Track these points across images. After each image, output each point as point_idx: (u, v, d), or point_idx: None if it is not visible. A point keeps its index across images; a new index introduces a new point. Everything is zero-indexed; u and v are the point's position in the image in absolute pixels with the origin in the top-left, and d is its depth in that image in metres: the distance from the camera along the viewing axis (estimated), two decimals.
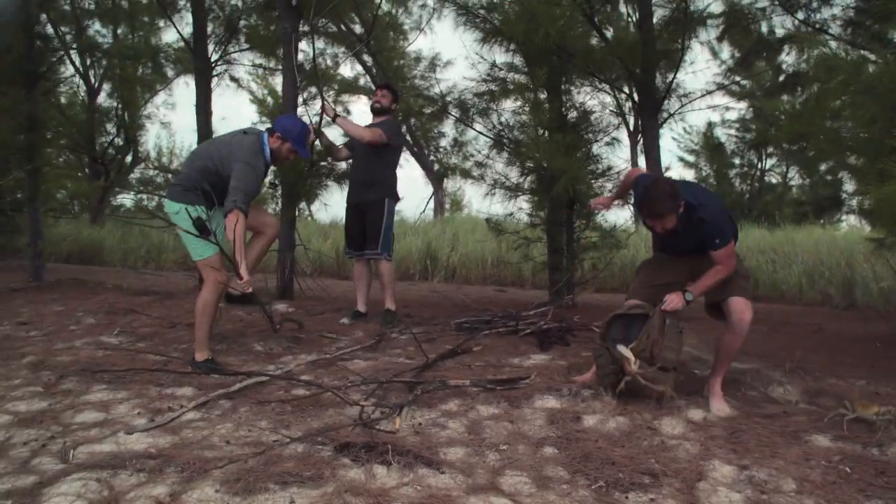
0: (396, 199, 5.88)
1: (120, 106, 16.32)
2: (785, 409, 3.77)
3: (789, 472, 2.91)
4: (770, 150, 20.69)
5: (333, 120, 5.72)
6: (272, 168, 4.85)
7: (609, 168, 7.30)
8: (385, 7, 17.17)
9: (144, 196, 20.22)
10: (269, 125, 4.67)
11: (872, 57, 4.30)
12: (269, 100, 22.63)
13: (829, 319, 7.79)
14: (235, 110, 46.99)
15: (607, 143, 7.39)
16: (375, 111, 5.97)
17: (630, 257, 10.97)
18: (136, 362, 4.41)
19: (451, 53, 33.12)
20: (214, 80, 8.45)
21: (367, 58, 18.53)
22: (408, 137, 20.14)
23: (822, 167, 16.51)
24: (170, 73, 14.41)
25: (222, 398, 3.65)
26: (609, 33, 7.07)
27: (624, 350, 3.60)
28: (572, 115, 7.38)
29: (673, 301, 3.67)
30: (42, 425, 3.25)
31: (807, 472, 2.92)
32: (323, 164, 7.59)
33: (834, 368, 4.62)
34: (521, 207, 7.62)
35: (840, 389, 4.02)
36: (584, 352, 4.68)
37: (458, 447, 3.07)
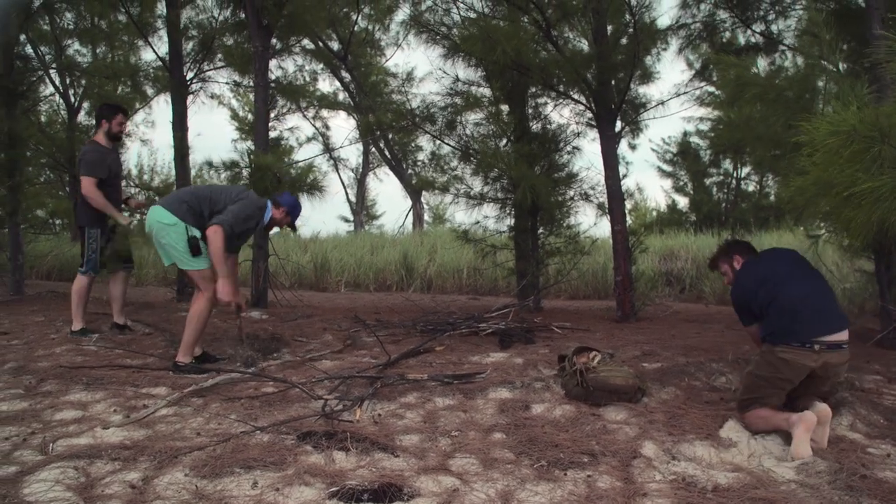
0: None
1: None
2: (723, 395, 4.04)
3: (718, 450, 3.18)
4: (745, 158, 20.87)
5: None
6: None
7: (571, 176, 7.59)
8: (361, 24, 17.52)
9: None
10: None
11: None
12: (250, 116, 22.85)
13: None
14: (219, 128, 46.98)
15: (568, 153, 7.69)
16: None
17: (593, 264, 11.26)
18: (115, 366, 4.60)
19: (428, 68, 33.47)
20: (190, 97, 8.68)
21: (344, 74, 18.85)
22: (385, 152, 20.46)
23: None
24: (149, 91, 14.49)
25: (195, 396, 3.87)
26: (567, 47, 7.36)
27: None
28: (534, 126, 7.68)
29: None
30: (23, 423, 3.44)
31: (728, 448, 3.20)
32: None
33: None
34: (487, 216, 7.91)
35: None
36: (542, 349, 4.93)
37: (413, 434, 3.30)
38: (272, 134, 9.14)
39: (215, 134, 34.24)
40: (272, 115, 8.36)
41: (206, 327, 4.78)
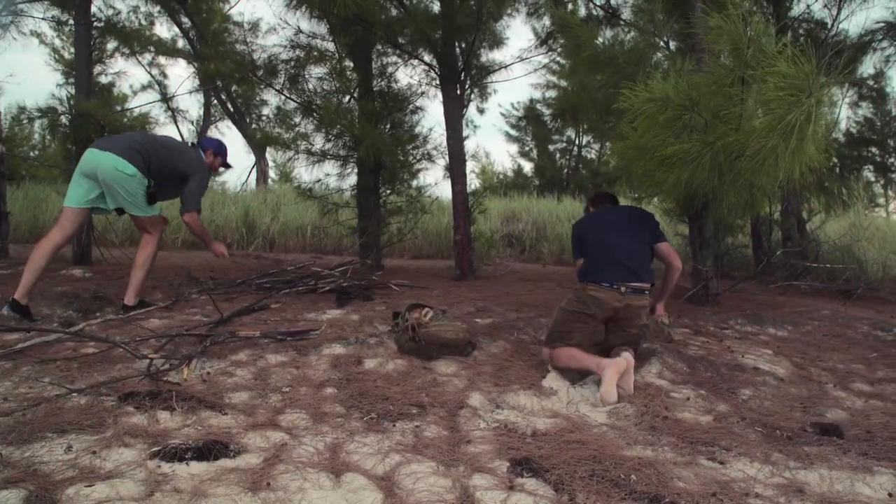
0: None
1: None
2: None
3: (540, 398, 3.38)
4: (584, 125, 21.71)
5: None
6: None
7: (415, 136, 7.64)
8: None
9: None
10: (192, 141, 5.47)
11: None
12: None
13: None
14: (39, 69, 42.73)
15: (412, 112, 7.72)
16: None
17: (436, 223, 11.47)
18: None
19: (274, 19, 32.22)
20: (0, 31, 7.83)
21: (184, 19, 17.74)
22: (228, 105, 19.61)
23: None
24: None
25: (2, 359, 3.58)
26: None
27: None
28: (379, 83, 7.63)
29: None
30: None
31: (549, 396, 3.41)
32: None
33: None
34: (329, 173, 7.83)
35: None
36: (378, 306, 4.98)
37: (243, 392, 3.25)
38: (103, 80, 8.50)
39: (37, 76, 31.12)
40: (100, 58, 7.73)
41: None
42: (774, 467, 2.62)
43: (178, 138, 5.05)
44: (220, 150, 5.29)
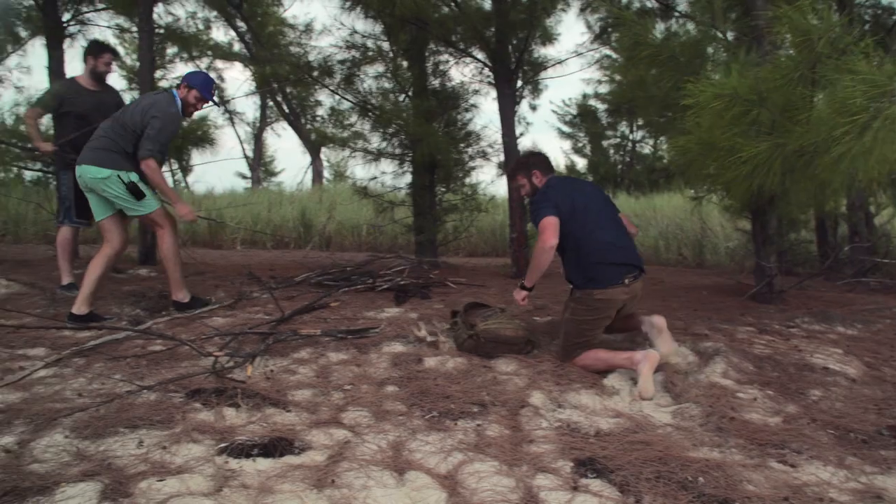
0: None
1: None
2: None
3: (602, 397, 3.35)
4: (639, 121, 21.35)
5: None
6: None
7: (469, 133, 7.64)
8: None
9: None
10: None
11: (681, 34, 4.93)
12: (139, 64, 21.58)
13: (672, 275, 8.48)
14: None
15: (467, 110, 7.72)
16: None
17: (491, 221, 11.44)
18: None
19: (327, 21, 32.60)
20: (68, 41, 8.08)
21: (240, 23, 18.09)
22: (283, 106, 19.93)
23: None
24: (22, 33, 13.44)
25: (76, 356, 3.71)
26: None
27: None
28: (434, 82, 7.65)
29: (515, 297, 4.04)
30: None
31: (611, 396, 3.37)
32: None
33: (659, 312, 5.15)
34: (385, 172, 7.88)
35: None
36: (436, 304, 4.99)
37: (305, 389, 3.30)
38: (164, 84, 8.74)
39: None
40: (160, 63, 7.94)
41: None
42: (849, 471, 2.54)
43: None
44: (195, 82, 4.76)
